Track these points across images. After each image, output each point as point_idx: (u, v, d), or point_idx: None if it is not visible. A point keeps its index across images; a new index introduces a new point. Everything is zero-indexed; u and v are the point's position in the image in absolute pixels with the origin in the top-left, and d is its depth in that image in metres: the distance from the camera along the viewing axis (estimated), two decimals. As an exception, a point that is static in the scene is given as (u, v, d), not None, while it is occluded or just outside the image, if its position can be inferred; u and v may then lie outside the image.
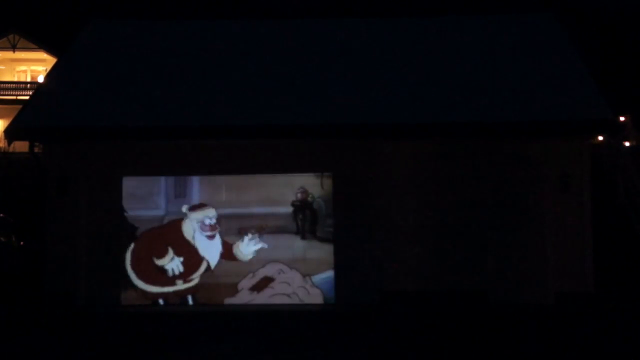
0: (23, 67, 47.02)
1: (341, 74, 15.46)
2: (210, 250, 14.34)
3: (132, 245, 14.35)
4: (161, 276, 14.30)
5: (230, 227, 14.42)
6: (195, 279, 14.30)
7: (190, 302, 14.23)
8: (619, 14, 46.43)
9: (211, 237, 14.34)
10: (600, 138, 15.62)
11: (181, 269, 14.29)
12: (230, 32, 17.49)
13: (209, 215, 14.36)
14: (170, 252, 14.28)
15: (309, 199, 14.48)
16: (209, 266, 14.31)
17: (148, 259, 14.31)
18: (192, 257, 14.33)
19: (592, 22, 45.12)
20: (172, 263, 14.29)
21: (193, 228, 14.35)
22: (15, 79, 46.03)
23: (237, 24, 18.16)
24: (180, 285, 14.31)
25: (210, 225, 14.36)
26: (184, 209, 14.38)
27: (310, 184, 14.49)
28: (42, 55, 45.19)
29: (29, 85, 43.34)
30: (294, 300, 14.22)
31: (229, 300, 14.24)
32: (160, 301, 14.27)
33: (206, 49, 16.60)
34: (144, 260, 14.30)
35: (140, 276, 14.30)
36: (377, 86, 14.94)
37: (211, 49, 16.61)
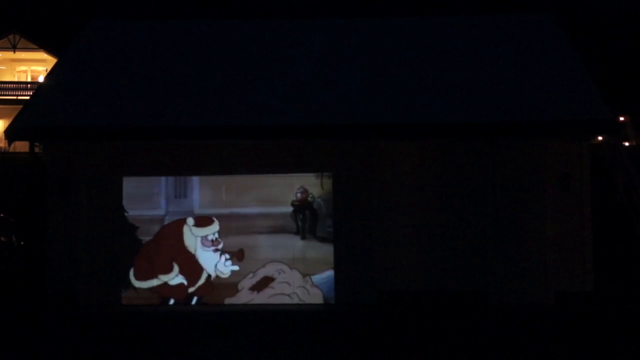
0: (23, 67, 47.02)
1: (341, 74, 15.45)
2: (209, 261, 14.34)
3: (136, 257, 14.34)
4: (162, 287, 14.36)
5: (231, 227, 14.42)
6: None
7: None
8: (619, 14, 46.42)
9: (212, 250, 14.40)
10: (600, 138, 15.60)
11: (185, 282, 14.32)
12: (230, 32, 17.48)
13: (213, 231, 14.37)
14: (176, 269, 14.30)
15: (309, 199, 14.48)
16: (209, 276, 14.33)
17: (152, 273, 14.33)
18: (195, 270, 14.33)
19: (592, 22, 45.10)
20: (177, 279, 14.32)
21: (195, 241, 14.37)
22: (16, 79, 46.03)
23: (237, 24, 18.14)
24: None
25: (212, 241, 14.37)
26: (190, 222, 14.38)
27: (310, 184, 14.49)
28: (43, 55, 45.20)
29: (29, 86, 43.35)
30: (294, 300, 14.22)
31: (229, 300, 14.25)
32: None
33: (206, 49, 16.60)
34: (148, 274, 14.35)
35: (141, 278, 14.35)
36: (377, 86, 14.93)
37: (211, 49, 16.60)
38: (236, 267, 14.28)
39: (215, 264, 14.30)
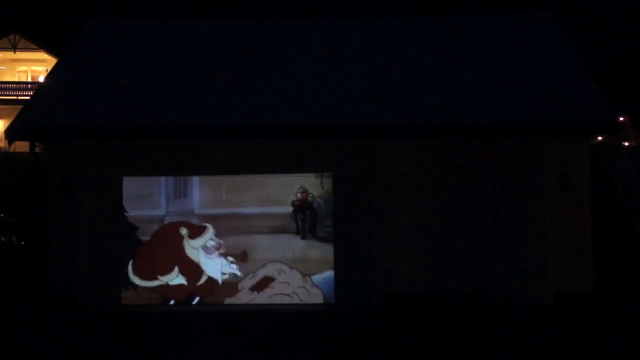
0: (24, 68, 46.99)
1: (341, 74, 15.46)
2: (214, 268, 14.31)
3: (135, 256, 14.33)
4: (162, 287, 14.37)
5: (231, 227, 14.42)
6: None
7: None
8: (619, 14, 46.43)
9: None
10: (600, 138, 15.61)
11: (184, 282, 14.31)
12: (230, 32, 17.48)
13: (210, 237, 14.36)
14: (176, 270, 14.30)
15: (309, 199, 14.48)
16: (210, 277, 14.32)
17: (152, 271, 14.31)
18: (196, 273, 14.32)
19: (592, 22, 45.10)
20: (176, 279, 14.32)
21: (197, 252, 14.34)
22: (16, 79, 46.01)
23: (237, 24, 18.15)
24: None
25: (214, 247, 14.35)
26: (183, 232, 14.36)
27: (310, 184, 14.49)
28: (43, 55, 45.18)
29: (29, 86, 43.31)
30: (294, 300, 14.23)
31: (229, 300, 14.25)
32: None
33: (206, 49, 16.60)
34: (147, 271, 14.33)
35: (141, 277, 14.35)
36: (377, 86, 14.94)
37: (211, 49, 16.60)
38: (237, 272, 14.28)
39: (220, 268, 14.30)
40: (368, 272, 14.12)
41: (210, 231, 14.36)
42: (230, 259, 14.31)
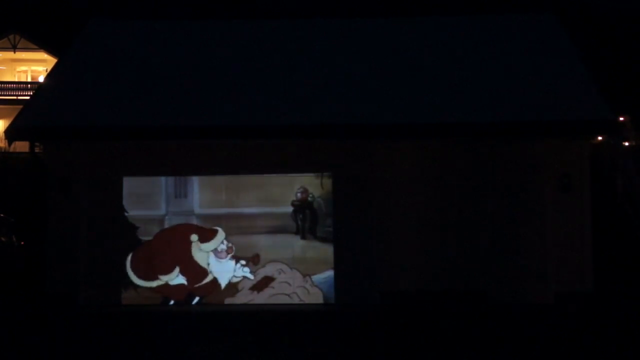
0: (24, 68, 47.05)
1: (341, 74, 15.46)
2: (224, 271, 14.28)
3: (136, 253, 14.31)
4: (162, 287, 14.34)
5: (231, 227, 14.42)
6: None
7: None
8: (619, 14, 46.43)
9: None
10: (600, 138, 15.62)
11: (185, 282, 14.30)
12: (230, 32, 17.49)
13: (221, 240, 14.34)
14: (177, 270, 14.28)
15: (309, 199, 14.48)
16: (215, 279, 14.28)
17: (152, 270, 14.28)
18: (198, 274, 14.30)
19: (592, 22, 45.11)
20: (177, 279, 14.31)
21: (207, 256, 14.30)
22: (16, 79, 46.05)
23: (237, 24, 18.16)
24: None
25: (225, 251, 14.33)
26: (193, 238, 14.32)
27: (310, 184, 14.49)
28: (43, 55, 45.22)
29: (29, 86, 43.36)
30: (294, 300, 14.23)
31: (229, 300, 14.25)
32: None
33: (206, 49, 16.60)
34: (147, 270, 14.31)
35: (141, 277, 14.33)
36: (377, 86, 14.95)
37: (211, 49, 16.61)
38: (250, 275, 14.25)
39: (230, 272, 14.27)
40: (368, 272, 14.12)
41: (221, 235, 14.34)
42: (242, 262, 14.29)
